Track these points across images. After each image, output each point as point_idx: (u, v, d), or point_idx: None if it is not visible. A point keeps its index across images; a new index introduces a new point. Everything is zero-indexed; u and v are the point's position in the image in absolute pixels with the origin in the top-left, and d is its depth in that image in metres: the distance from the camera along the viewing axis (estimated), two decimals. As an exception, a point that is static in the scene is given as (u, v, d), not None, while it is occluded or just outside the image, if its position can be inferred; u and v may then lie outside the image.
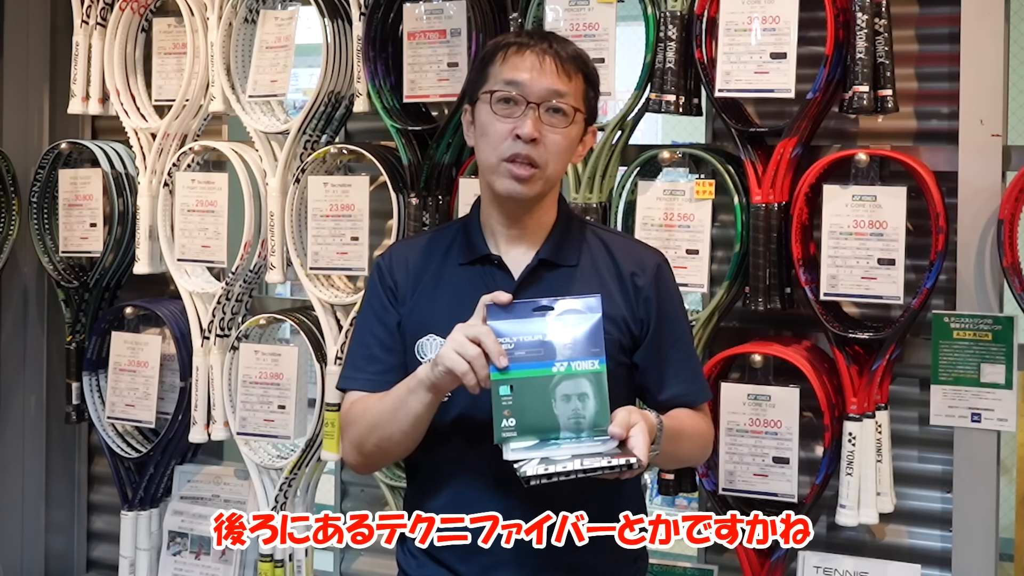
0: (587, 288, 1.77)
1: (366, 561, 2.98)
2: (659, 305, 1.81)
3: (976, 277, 2.33)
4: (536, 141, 1.71)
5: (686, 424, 1.80)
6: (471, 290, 1.76)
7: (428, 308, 1.79)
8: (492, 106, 1.73)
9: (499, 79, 1.73)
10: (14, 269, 3.29)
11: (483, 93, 1.75)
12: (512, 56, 1.74)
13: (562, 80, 1.73)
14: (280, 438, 2.78)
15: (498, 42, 1.79)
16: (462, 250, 1.82)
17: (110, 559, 3.21)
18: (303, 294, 2.81)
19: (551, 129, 1.72)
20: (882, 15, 2.29)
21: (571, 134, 1.75)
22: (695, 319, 2.43)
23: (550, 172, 1.75)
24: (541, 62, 1.72)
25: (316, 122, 2.76)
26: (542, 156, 1.72)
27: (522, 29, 1.81)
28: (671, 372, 1.83)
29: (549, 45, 1.75)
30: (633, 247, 1.89)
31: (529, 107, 1.71)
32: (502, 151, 1.72)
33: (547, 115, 1.72)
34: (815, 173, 2.35)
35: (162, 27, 3.03)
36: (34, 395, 3.34)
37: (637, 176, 2.50)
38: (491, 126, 1.74)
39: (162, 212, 2.90)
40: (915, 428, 2.49)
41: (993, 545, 2.34)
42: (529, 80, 1.71)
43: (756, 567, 2.42)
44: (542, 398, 1.53)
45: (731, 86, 2.35)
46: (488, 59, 1.77)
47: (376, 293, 1.85)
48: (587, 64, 1.79)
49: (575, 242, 1.83)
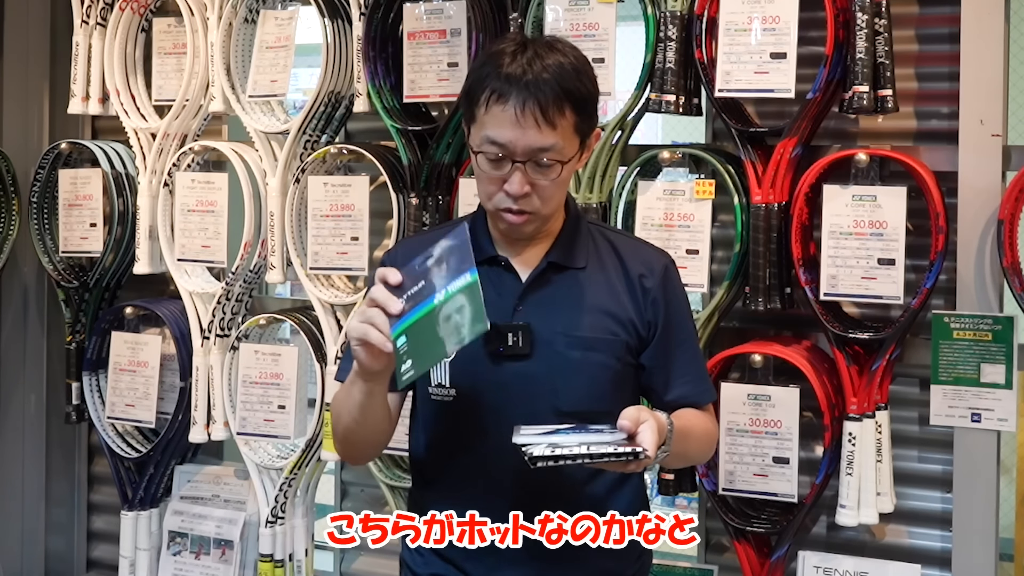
0: (596, 290, 1.79)
1: (366, 561, 2.98)
2: (666, 306, 1.81)
3: (976, 277, 2.33)
4: (527, 194, 1.69)
5: (694, 424, 1.80)
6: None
7: None
8: (479, 164, 1.71)
9: (483, 134, 1.68)
10: (14, 269, 3.29)
11: (471, 146, 1.73)
12: (493, 107, 1.67)
13: (546, 132, 1.66)
14: (280, 438, 2.78)
15: (482, 77, 1.70)
16: None
17: (110, 559, 3.21)
18: (303, 294, 2.81)
19: (541, 177, 1.69)
20: (882, 15, 2.29)
21: (563, 177, 1.72)
22: (695, 319, 2.43)
23: (546, 212, 1.74)
24: (522, 116, 1.65)
25: (316, 122, 2.76)
26: (534, 205, 1.71)
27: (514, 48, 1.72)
28: (677, 373, 1.83)
29: (529, 92, 1.65)
30: (640, 248, 1.89)
31: (515, 165, 1.68)
32: (495, 203, 1.72)
33: (534, 168, 1.68)
34: (815, 173, 2.35)
35: (162, 27, 3.03)
36: (34, 395, 3.34)
37: (637, 176, 2.50)
38: (482, 177, 1.73)
39: (162, 212, 2.90)
40: (915, 428, 2.49)
41: (993, 545, 2.34)
42: (512, 140, 1.66)
43: (756, 567, 2.42)
44: (430, 330, 1.57)
45: (731, 86, 2.35)
46: (473, 95, 1.71)
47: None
48: (575, 91, 1.69)
49: (583, 244, 1.82)
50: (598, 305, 1.78)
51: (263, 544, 2.80)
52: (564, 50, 1.72)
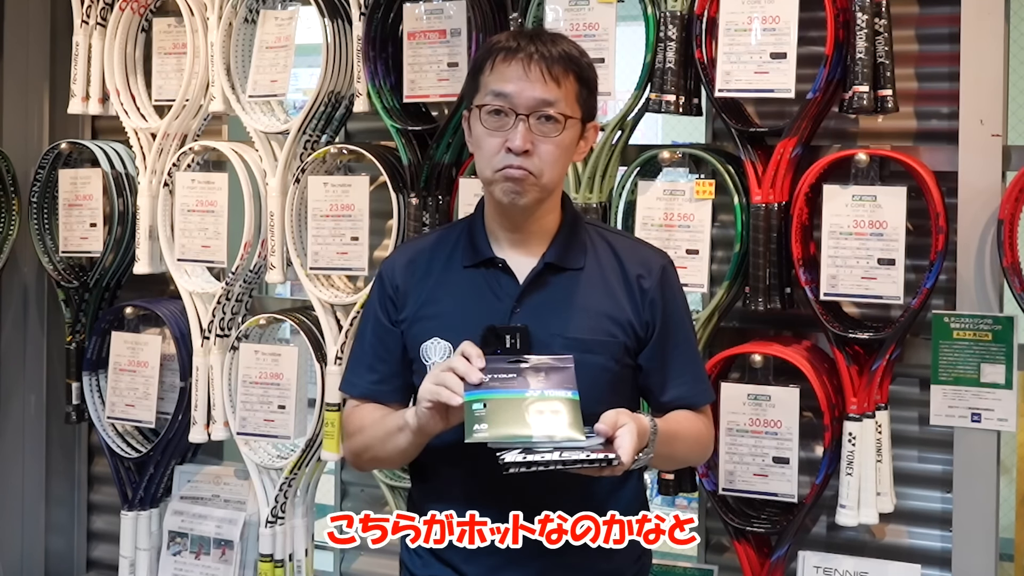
0: (594, 291, 1.78)
1: (366, 561, 2.98)
2: (664, 307, 1.81)
3: (976, 277, 2.33)
4: (528, 152, 1.69)
5: (683, 426, 1.80)
6: (476, 293, 1.76)
7: (432, 312, 1.79)
8: (482, 119, 1.72)
9: (487, 90, 1.72)
10: (14, 269, 3.29)
11: (474, 106, 1.74)
12: (500, 64, 1.71)
13: (550, 87, 1.70)
14: (280, 438, 2.78)
15: (489, 46, 1.76)
16: (466, 252, 1.82)
17: (110, 559, 3.21)
18: (303, 294, 2.81)
19: (543, 138, 1.70)
20: (882, 15, 2.29)
21: (564, 141, 1.73)
22: (695, 319, 2.43)
23: (546, 180, 1.73)
24: (527, 70, 1.69)
25: (316, 122, 2.76)
26: (536, 166, 1.71)
27: (518, 29, 1.78)
28: (674, 374, 1.83)
29: (536, 49, 1.70)
30: (638, 248, 1.88)
31: (519, 118, 1.69)
32: (495, 163, 1.71)
33: (537, 124, 1.70)
34: (815, 173, 2.35)
35: (162, 27, 3.03)
36: (34, 395, 3.34)
37: (637, 176, 2.50)
38: (483, 139, 1.73)
39: (162, 212, 2.90)
40: (915, 428, 2.49)
41: (993, 545, 2.34)
42: (516, 91, 1.69)
43: (756, 567, 2.42)
44: (515, 411, 1.56)
45: (731, 86, 2.35)
46: (479, 67, 1.75)
47: (376, 300, 1.87)
48: (578, 63, 1.75)
49: (580, 245, 1.82)
50: (596, 307, 1.78)
51: (263, 544, 2.80)
52: (566, 39, 1.78)
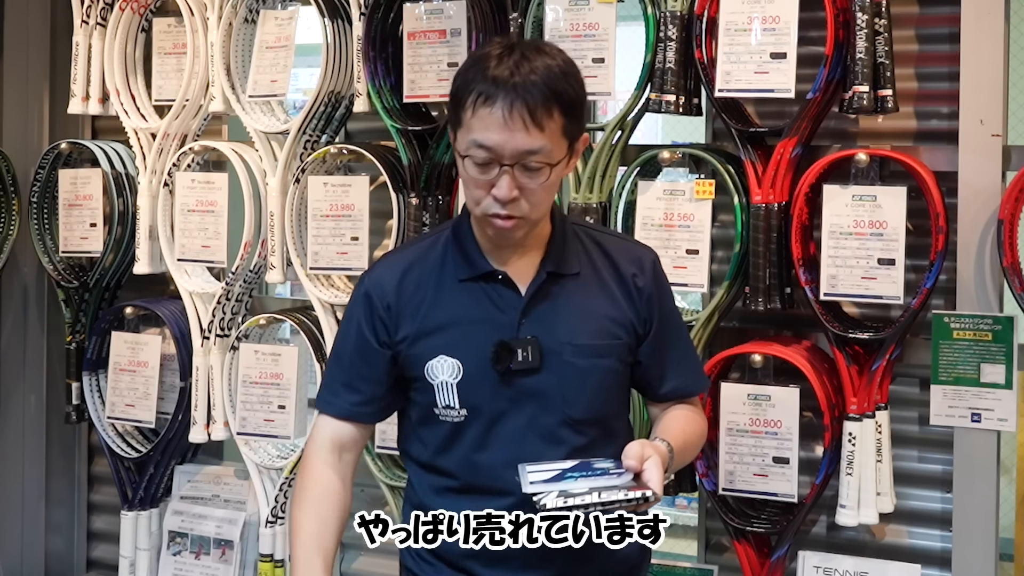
0: (594, 295, 1.78)
1: (366, 561, 2.98)
2: (659, 303, 1.83)
3: (976, 277, 2.33)
4: (515, 198, 1.66)
5: (687, 432, 1.82)
6: (477, 307, 1.75)
7: (434, 329, 1.76)
8: (466, 167, 1.68)
9: (470, 138, 1.66)
10: (14, 269, 3.29)
11: (458, 151, 1.70)
12: (480, 110, 1.64)
13: (534, 134, 1.63)
14: (280, 438, 2.78)
15: (468, 80, 1.68)
16: (460, 266, 1.78)
17: (110, 559, 3.21)
18: (303, 294, 2.81)
19: (529, 180, 1.66)
20: (882, 15, 2.29)
21: (552, 180, 1.69)
22: (695, 319, 2.43)
23: (536, 217, 1.72)
24: (509, 118, 1.62)
25: (316, 122, 2.76)
26: (522, 209, 1.68)
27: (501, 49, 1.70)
28: (672, 366, 1.85)
29: (516, 91, 1.63)
30: (627, 246, 1.89)
31: (503, 168, 1.65)
32: (484, 208, 1.69)
33: (521, 172, 1.66)
34: (815, 173, 2.34)
35: (162, 27, 3.03)
36: (34, 395, 3.34)
37: (637, 176, 2.50)
38: (469, 182, 1.70)
39: (162, 212, 2.90)
40: (915, 428, 2.49)
41: (993, 545, 2.34)
42: (500, 143, 1.63)
43: (756, 567, 2.42)
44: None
45: (731, 86, 2.35)
46: (460, 99, 1.68)
47: (363, 318, 1.80)
48: (562, 92, 1.66)
49: (574, 249, 1.81)
50: (599, 310, 1.78)
51: (263, 544, 2.80)
52: (551, 52, 1.70)
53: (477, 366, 1.73)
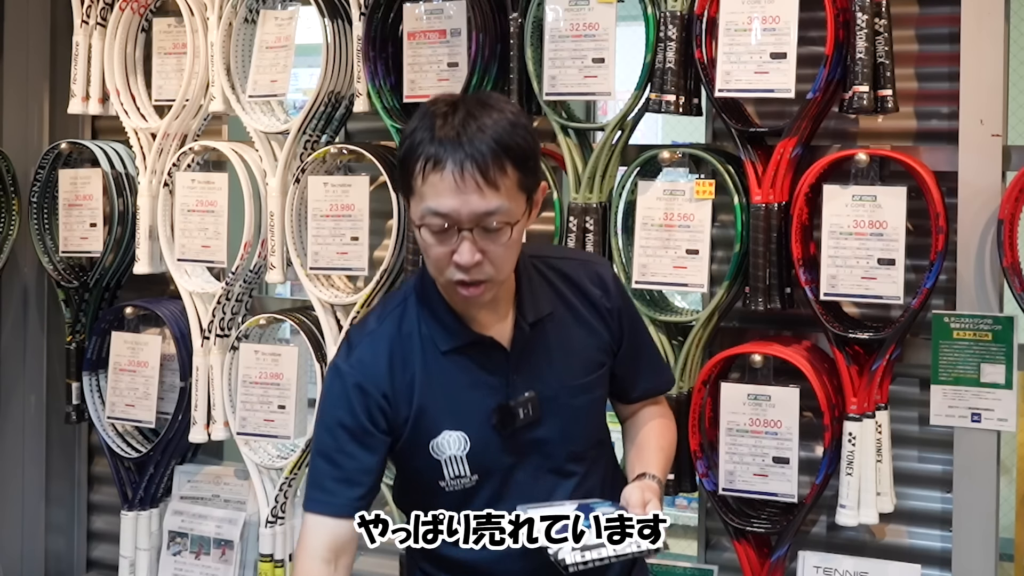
0: (573, 330, 1.78)
1: (366, 561, 2.98)
2: (626, 315, 1.86)
3: (976, 277, 2.33)
4: (479, 262, 1.61)
5: (666, 448, 1.88)
6: (467, 375, 1.73)
7: (431, 405, 1.72)
8: (423, 236, 1.62)
9: (423, 206, 1.59)
10: (14, 269, 3.29)
11: (413, 222, 1.64)
12: (431, 176, 1.57)
13: (488, 196, 1.57)
14: (280, 438, 2.78)
15: (414, 144, 1.61)
16: (440, 337, 1.73)
17: (110, 559, 3.21)
18: (303, 294, 2.81)
19: (490, 243, 1.61)
20: (882, 15, 2.29)
21: (514, 237, 1.63)
22: (695, 319, 2.43)
23: (502, 277, 1.67)
24: (461, 180, 1.56)
25: (316, 122, 2.76)
26: (487, 272, 1.63)
27: (444, 108, 1.63)
28: (642, 370, 1.90)
29: (464, 151, 1.56)
30: (585, 266, 1.85)
31: (462, 233, 1.59)
32: (448, 276, 1.64)
33: (482, 234, 1.60)
34: (815, 173, 2.34)
35: (162, 27, 3.03)
36: (34, 395, 3.34)
37: (637, 176, 2.50)
38: (429, 249, 1.63)
39: (162, 212, 2.90)
40: (915, 428, 2.49)
41: (993, 545, 2.34)
42: (455, 208, 1.57)
43: (756, 567, 2.42)
44: None
45: (731, 86, 2.35)
46: (408, 166, 1.62)
47: (358, 409, 1.71)
48: (513, 146, 1.60)
49: (541, 289, 1.78)
50: (581, 345, 1.80)
51: (263, 544, 2.80)
52: (498, 106, 1.64)
53: (482, 433, 1.73)
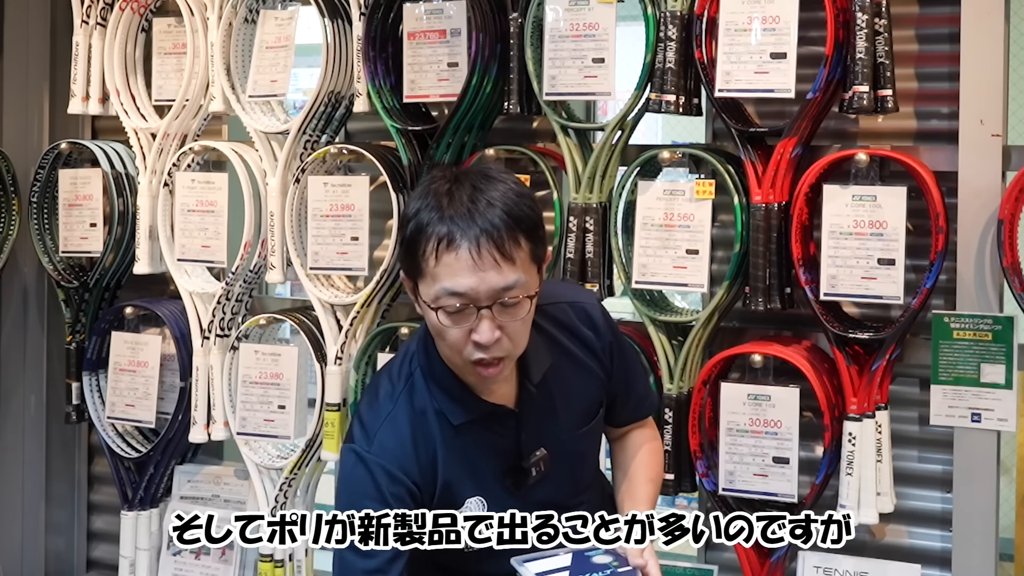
0: (571, 378, 1.79)
1: (366, 561, 2.98)
2: (615, 347, 1.87)
3: (976, 277, 2.33)
4: (498, 339, 1.59)
5: (654, 479, 1.91)
6: (480, 443, 1.73)
7: (455, 479, 1.72)
8: (439, 318, 1.58)
9: (438, 287, 1.56)
10: (14, 269, 3.29)
11: (423, 302, 1.60)
12: (444, 255, 1.54)
13: (507, 269, 1.55)
14: (280, 438, 2.78)
15: (422, 225, 1.57)
16: (455, 412, 1.71)
17: (110, 559, 3.21)
18: (303, 294, 2.81)
19: (509, 318, 1.59)
20: (882, 15, 2.29)
21: (530, 311, 1.62)
22: (695, 319, 2.43)
23: (519, 352, 1.66)
24: (479, 257, 1.53)
25: (316, 122, 2.76)
26: (506, 348, 1.61)
27: (445, 188, 1.59)
28: (631, 397, 1.93)
29: (478, 227, 1.54)
30: (574, 308, 1.83)
31: (480, 313, 1.56)
32: (465, 356, 1.61)
33: (502, 311, 1.58)
34: (815, 173, 2.34)
35: (162, 27, 3.03)
36: (34, 395, 3.34)
37: (637, 176, 2.50)
38: (445, 332, 1.60)
39: (162, 212, 2.90)
40: (915, 428, 2.49)
41: (993, 545, 2.34)
42: (473, 287, 1.54)
43: (756, 567, 2.42)
44: None
45: (731, 86, 2.35)
46: (416, 248, 1.58)
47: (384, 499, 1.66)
48: (524, 218, 1.58)
49: (540, 343, 1.76)
50: (581, 390, 1.81)
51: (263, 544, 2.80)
52: (500, 176, 1.63)
53: (497, 495, 1.74)
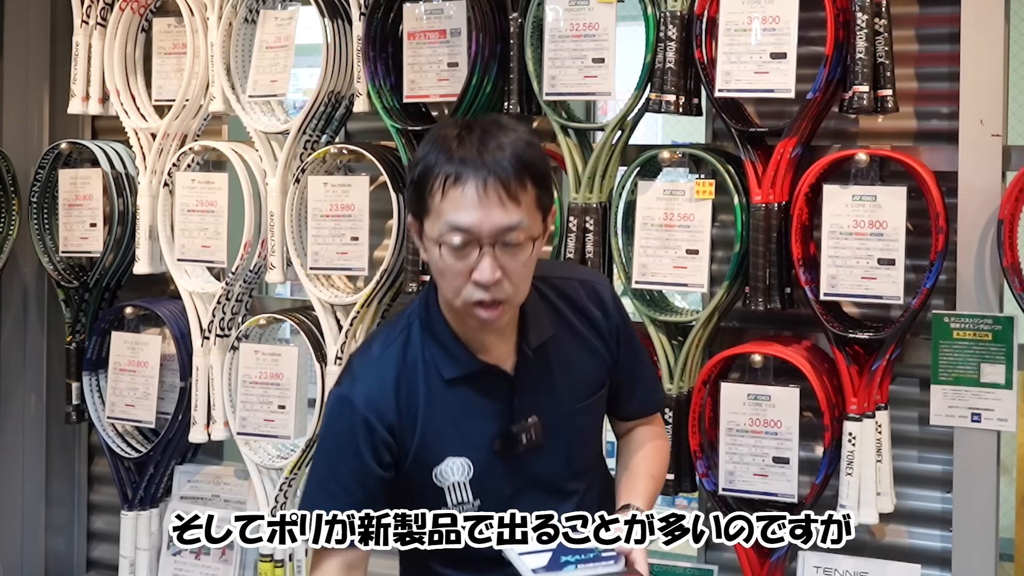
0: (574, 352, 1.78)
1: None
2: (622, 330, 1.85)
3: (976, 277, 2.33)
4: (498, 280, 1.59)
5: (656, 475, 1.88)
6: (470, 402, 1.72)
7: (434, 434, 1.71)
8: (442, 253, 1.59)
9: (443, 222, 1.57)
10: (14, 269, 3.29)
11: (428, 239, 1.61)
12: (451, 191, 1.57)
13: (511, 209, 1.57)
14: (280, 438, 2.78)
15: (430, 165, 1.61)
16: (445, 365, 1.71)
17: (110, 559, 3.21)
18: (303, 294, 2.81)
19: (511, 259, 1.59)
20: (882, 15, 2.29)
21: (532, 256, 1.63)
22: (695, 319, 2.43)
23: (519, 299, 1.66)
24: (484, 194, 1.55)
25: (316, 122, 2.76)
26: (506, 291, 1.61)
27: (458, 130, 1.62)
28: (636, 386, 1.90)
29: (486, 166, 1.56)
30: (584, 286, 1.84)
31: (483, 250, 1.57)
32: (465, 296, 1.61)
33: (503, 250, 1.58)
34: (815, 173, 2.34)
35: (162, 27, 3.03)
36: (34, 395, 3.34)
37: (637, 176, 2.50)
38: (447, 269, 1.60)
39: (162, 212, 2.90)
40: (915, 428, 2.49)
41: (993, 545, 2.34)
42: (476, 222, 1.55)
43: (756, 567, 2.42)
44: None
45: (731, 86, 2.35)
46: (424, 186, 1.61)
47: (363, 446, 1.68)
48: (531, 163, 1.60)
49: (543, 311, 1.76)
50: (582, 366, 1.80)
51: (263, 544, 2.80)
52: (511, 125, 1.64)
53: (484, 459, 1.72)
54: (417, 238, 1.67)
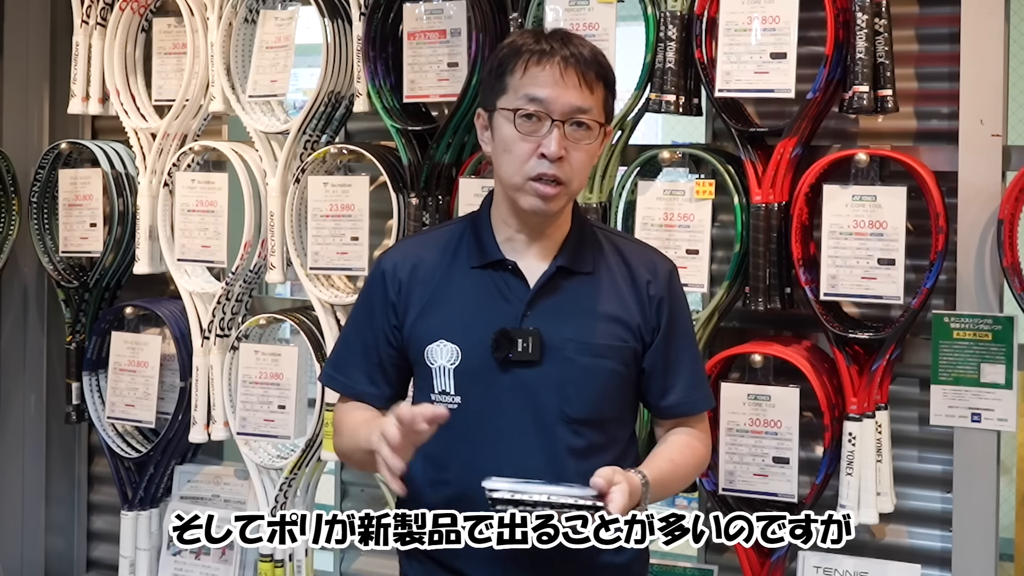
0: (605, 296, 1.78)
1: (366, 561, 2.99)
2: (670, 312, 1.82)
3: (976, 277, 2.33)
4: (561, 159, 1.69)
5: (679, 464, 1.81)
6: (483, 295, 1.75)
7: (438, 313, 1.77)
8: (516, 123, 1.70)
9: (520, 94, 1.69)
10: (14, 269, 3.29)
11: (503, 109, 1.72)
12: (532, 67, 1.69)
13: (585, 94, 1.69)
14: (280, 438, 2.78)
15: (516, 47, 1.73)
16: (473, 253, 1.79)
17: (110, 559, 3.21)
18: (303, 294, 2.81)
19: (575, 145, 1.70)
20: (882, 15, 2.29)
21: (594, 148, 1.74)
22: (695, 319, 2.43)
23: (574, 188, 1.74)
24: (563, 74, 1.68)
25: (316, 122, 2.76)
26: (567, 173, 1.70)
27: (539, 30, 1.79)
28: (675, 379, 1.83)
29: (570, 52, 1.69)
30: (645, 253, 1.89)
31: (554, 124, 1.68)
32: (527, 170, 1.70)
33: (572, 131, 1.70)
34: (815, 173, 2.35)
35: (162, 27, 3.03)
36: (34, 395, 3.34)
37: (637, 176, 2.50)
38: (514, 144, 1.70)
39: (162, 212, 2.91)
40: (915, 428, 2.49)
41: (993, 545, 2.34)
42: (552, 96, 1.68)
43: (756, 567, 2.42)
44: None
45: (731, 86, 2.35)
46: (506, 66, 1.72)
47: (373, 298, 1.83)
48: (607, 69, 1.75)
49: (590, 249, 1.81)
50: (608, 311, 1.78)
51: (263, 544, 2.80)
52: (585, 41, 1.76)
53: (476, 353, 1.73)
54: (483, 130, 1.77)
